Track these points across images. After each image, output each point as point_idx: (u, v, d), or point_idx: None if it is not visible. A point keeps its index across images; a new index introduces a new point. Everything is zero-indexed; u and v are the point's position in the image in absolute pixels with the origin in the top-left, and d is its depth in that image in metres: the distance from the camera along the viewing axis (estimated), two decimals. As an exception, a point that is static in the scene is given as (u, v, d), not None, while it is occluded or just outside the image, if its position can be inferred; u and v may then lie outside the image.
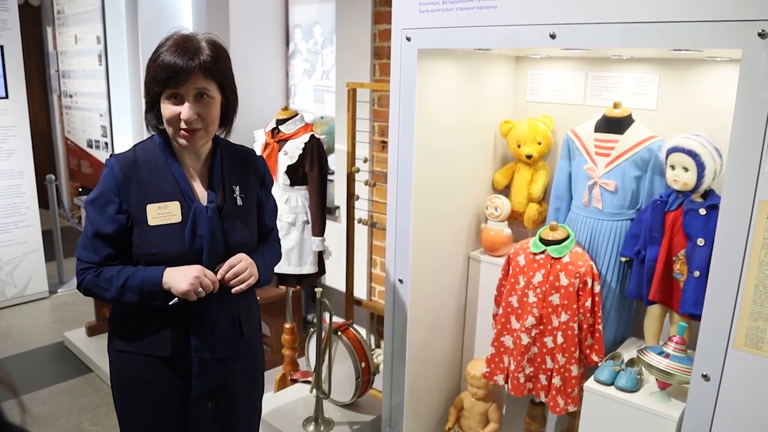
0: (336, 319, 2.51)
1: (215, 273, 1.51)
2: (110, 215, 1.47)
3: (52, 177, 4.57)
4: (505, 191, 2.32)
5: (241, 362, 1.67)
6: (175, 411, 1.60)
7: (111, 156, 1.53)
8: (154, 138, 1.57)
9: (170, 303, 1.48)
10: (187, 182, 1.53)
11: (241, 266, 1.54)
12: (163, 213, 1.48)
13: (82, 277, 1.51)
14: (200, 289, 1.46)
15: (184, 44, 1.44)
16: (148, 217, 1.48)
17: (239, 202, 1.60)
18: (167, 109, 1.47)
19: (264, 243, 1.73)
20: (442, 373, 2.38)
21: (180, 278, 1.45)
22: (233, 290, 1.54)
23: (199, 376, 1.58)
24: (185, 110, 1.45)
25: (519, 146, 2.20)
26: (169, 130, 1.50)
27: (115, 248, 1.50)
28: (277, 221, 2.62)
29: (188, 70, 1.42)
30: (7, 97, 4.27)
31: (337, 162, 3.55)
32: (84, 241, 1.51)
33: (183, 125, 1.47)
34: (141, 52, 4.45)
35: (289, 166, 2.59)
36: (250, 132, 2.82)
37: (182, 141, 1.49)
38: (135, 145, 1.57)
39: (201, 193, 1.57)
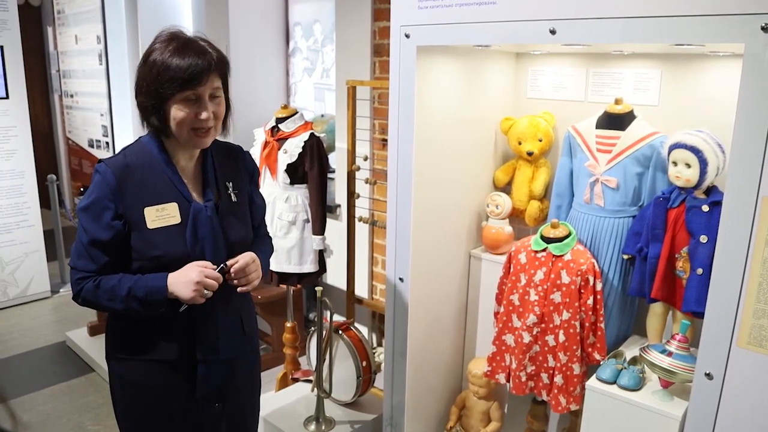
0: (337, 318, 2.50)
1: (220, 270, 1.50)
2: (106, 222, 1.43)
3: (54, 177, 4.58)
4: (506, 189, 2.31)
5: (244, 361, 1.68)
6: (183, 414, 1.60)
7: (100, 161, 1.48)
8: (142, 141, 1.53)
9: (180, 310, 1.47)
10: (182, 182, 1.51)
11: (251, 267, 1.53)
12: (161, 215, 1.46)
13: (79, 287, 1.46)
14: (205, 291, 1.44)
15: (190, 44, 1.42)
16: (146, 220, 1.45)
17: (234, 198, 1.60)
18: (181, 111, 1.43)
19: (257, 238, 1.73)
20: (443, 371, 2.37)
21: (182, 287, 1.42)
22: (240, 290, 1.53)
23: (204, 378, 1.57)
24: (206, 110, 1.45)
25: (520, 143, 2.18)
26: (180, 133, 1.46)
27: (113, 255, 1.46)
28: (278, 220, 2.65)
29: (208, 70, 1.42)
30: (7, 97, 4.27)
31: (337, 160, 3.55)
32: (79, 249, 1.46)
33: (201, 125, 1.45)
34: (141, 51, 4.42)
35: (289, 165, 2.58)
36: (250, 131, 2.81)
37: (198, 141, 1.48)
38: (124, 149, 1.52)
39: (196, 192, 1.55)
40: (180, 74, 1.40)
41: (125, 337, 1.56)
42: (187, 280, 1.43)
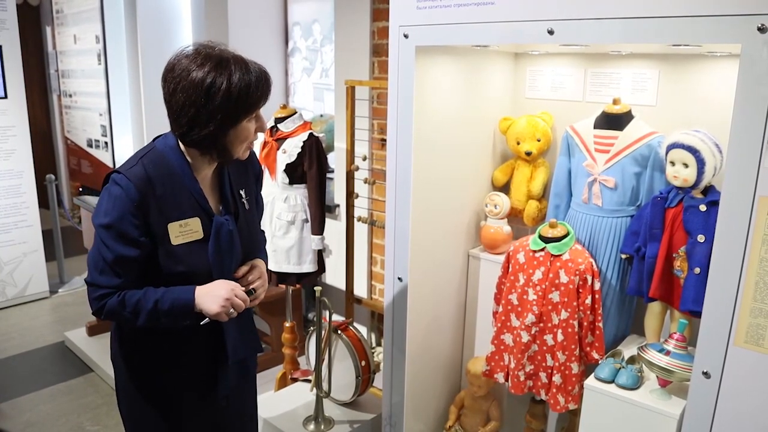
0: (336, 318, 2.51)
1: (235, 278, 1.51)
2: (132, 239, 1.38)
3: (52, 177, 4.57)
4: (505, 188, 2.31)
5: (252, 358, 1.73)
6: (191, 413, 1.61)
7: (118, 172, 1.40)
8: (160, 150, 1.46)
9: (201, 323, 1.46)
10: (202, 195, 1.49)
11: (261, 281, 1.57)
12: (184, 231, 1.45)
13: (101, 303, 1.41)
14: (232, 309, 1.44)
15: (240, 59, 1.41)
16: (170, 236, 1.42)
17: (246, 206, 1.60)
18: (251, 126, 1.43)
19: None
20: (442, 371, 2.37)
21: (210, 301, 1.42)
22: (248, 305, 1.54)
23: (224, 378, 1.60)
24: (264, 122, 1.47)
25: (518, 143, 2.19)
26: (240, 148, 1.45)
27: (139, 270, 1.42)
28: (277, 220, 2.65)
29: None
30: (6, 97, 4.27)
31: (336, 160, 3.55)
32: (101, 266, 1.40)
33: (255, 137, 1.48)
34: (140, 50, 4.44)
35: (287, 165, 2.59)
36: (249, 130, 2.80)
37: (246, 153, 1.50)
38: (140, 158, 1.43)
39: (215, 203, 1.54)
40: (261, 89, 1.41)
41: (140, 340, 1.54)
42: (217, 295, 1.42)
